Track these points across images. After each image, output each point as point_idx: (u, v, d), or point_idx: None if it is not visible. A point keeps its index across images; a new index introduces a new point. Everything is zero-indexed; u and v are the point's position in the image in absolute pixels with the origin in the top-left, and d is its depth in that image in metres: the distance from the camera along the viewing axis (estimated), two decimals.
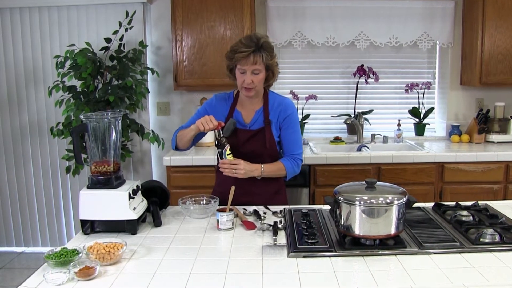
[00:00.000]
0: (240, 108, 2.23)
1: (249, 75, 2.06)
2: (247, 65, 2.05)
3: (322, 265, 1.49)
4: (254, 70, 2.06)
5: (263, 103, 2.21)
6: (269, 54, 2.07)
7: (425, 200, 2.78)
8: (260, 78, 2.09)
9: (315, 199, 3.23)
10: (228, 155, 2.05)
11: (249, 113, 2.22)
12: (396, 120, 3.78)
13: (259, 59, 2.04)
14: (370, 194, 1.61)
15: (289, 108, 2.21)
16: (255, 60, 2.03)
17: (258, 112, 2.21)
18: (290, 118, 2.20)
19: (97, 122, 1.82)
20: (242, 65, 2.06)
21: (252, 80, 2.07)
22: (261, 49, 2.05)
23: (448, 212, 1.95)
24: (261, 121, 2.19)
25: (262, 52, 2.05)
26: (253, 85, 2.08)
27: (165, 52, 3.76)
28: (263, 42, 2.06)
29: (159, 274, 1.46)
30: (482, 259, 1.52)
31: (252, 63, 2.04)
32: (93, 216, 1.79)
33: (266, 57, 2.06)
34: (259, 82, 2.10)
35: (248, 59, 2.03)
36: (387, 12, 3.71)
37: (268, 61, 2.07)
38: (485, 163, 3.25)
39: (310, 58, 3.88)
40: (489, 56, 3.47)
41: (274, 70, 2.14)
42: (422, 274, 1.43)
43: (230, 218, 1.83)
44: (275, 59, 2.13)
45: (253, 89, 2.10)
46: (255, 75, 2.07)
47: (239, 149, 2.17)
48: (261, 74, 2.09)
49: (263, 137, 2.18)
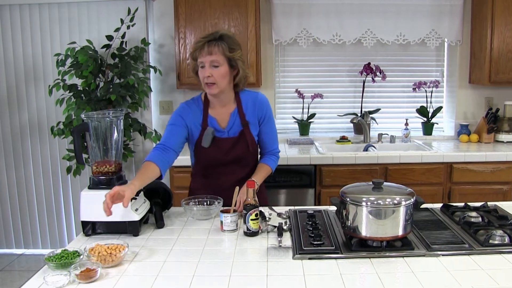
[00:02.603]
0: (213, 113, 2.13)
1: (207, 68, 1.97)
2: (203, 56, 1.96)
3: (328, 267, 1.48)
4: (213, 62, 1.96)
5: (236, 104, 2.13)
6: (228, 46, 1.97)
7: (433, 201, 2.77)
8: (220, 73, 1.98)
9: (321, 200, 3.22)
10: (252, 220, 1.77)
11: (223, 117, 2.13)
12: (403, 119, 3.76)
13: (215, 49, 1.95)
14: (377, 195, 1.61)
15: (265, 105, 2.17)
16: (210, 50, 1.95)
17: (233, 114, 2.13)
18: (267, 114, 2.17)
19: (98, 122, 1.83)
20: (200, 58, 1.98)
21: (211, 74, 1.97)
22: (218, 40, 1.97)
23: (457, 213, 1.94)
24: (238, 123, 2.13)
25: (220, 42, 1.96)
26: (214, 80, 1.98)
27: (167, 50, 3.75)
28: (222, 33, 1.99)
29: (162, 276, 1.45)
30: (491, 261, 1.51)
31: (208, 53, 1.95)
32: (95, 218, 1.78)
33: (224, 48, 1.96)
34: (220, 77, 1.98)
35: (203, 49, 1.96)
36: (394, 9, 3.69)
37: (226, 52, 1.96)
38: (494, 163, 3.23)
39: (316, 56, 3.86)
40: (498, 54, 3.45)
41: (239, 66, 2.02)
42: (430, 276, 1.41)
43: (234, 219, 1.82)
44: (239, 54, 2.01)
45: (214, 85, 1.99)
46: (214, 68, 1.97)
47: (223, 157, 2.13)
48: (222, 68, 1.98)
49: (244, 140, 2.13)
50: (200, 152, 2.15)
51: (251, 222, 1.76)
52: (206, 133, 2.08)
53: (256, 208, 1.77)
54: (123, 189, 1.64)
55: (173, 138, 2.05)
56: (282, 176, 3.18)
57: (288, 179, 3.19)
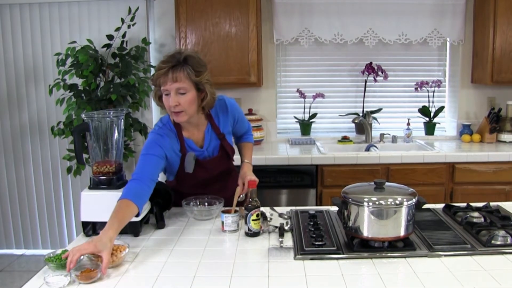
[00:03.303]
0: (188, 135, 2.02)
1: (173, 95, 1.81)
2: (167, 83, 1.80)
3: (330, 268, 1.48)
4: (179, 90, 1.81)
5: (208, 119, 2.05)
6: (193, 70, 1.82)
7: (435, 201, 2.74)
8: (188, 99, 1.83)
9: (322, 200, 3.21)
10: (253, 220, 1.76)
11: (199, 136, 2.05)
12: (405, 119, 3.75)
13: (180, 74, 1.80)
14: (379, 195, 1.60)
15: (235, 109, 2.13)
16: (174, 76, 1.79)
17: (207, 131, 2.05)
18: (239, 116, 2.18)
19: (99, 121, 1.82)
20: (164, 85, 1.82)
21: (178, 102, 1.82)
22: (183, 63, 1.81)
23: (459, 213, 1.94)
24: (215, 138, 2.07)
25: (185, 67, 1.81)
26: (181, 108, 1.83)
27: (168, 49, 3.72)
28: (186, 55, 1.83)
29: (163, 277, 1.45)
30: (494, 261, 1.51)
31: (172, 80, 1.79)
32: (95, 218, 1.77)
33: (190, 73, 1.81)
34: (187, 104, 1.84)
35: (167, 76, 1.80)
36: (396, 8, 3.67)
37: (193, 77, 1.81)
38: (496, 163, 3.22)
39: (317, 56, 3.84)
40: (501, 53, 3.43)
41: (207, 90, 1.88)
42: (432, 277, 1.41)
43: (235, 220, 1.82)
44: (205, 76, 1.87)
45: (183, 112, 1.85)
46: (181, 95, 1.82)
47: (210, 175, 2.11)
48: (189, 94, 1.83)
49: (225, 154, 2.12)
50: (185, 177, 2.05)
51: (252, 223, 1.76)
52: (188, 160, 1.97)
53: (258, 209, 1.76)
54: (99, 249, 1.46)
55: (149, 168, 1.85)
56: (284, 176, 3.17)
57: (289, 179, 3.18)
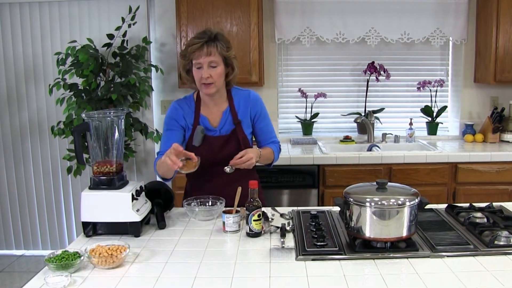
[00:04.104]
0: (205, 112, 2.14)
1: (206, 68, 1.98)
2: (201, 57, 1.96)
3: (332, 269, 1.48)
4: (211, 63, 1.98)
5: (228, 102, 2.15)
6: (224, 45, 2.01)
7: (438, 201, 2.74)
8: (218, 72, 2.00)
9: (324, 201, 3.21)
10: (254, 221, 1.74)
11: (215, 116, 2.14)
12: (407, 119, 3.74)
13: (214, 49, 1.97)
14: (381, 195, 1.60)
15: (258, 102, 2.18)
16: (209, 51, 1.96)
17: (225, 113, 2.13)
18: (261, 111, 2.18)
19: (99, 121, 1.82)
20: (197, 59, 1.97)
21: (210, 74, 1.98)
22: (215, 39, 1.99)
23: (462, 213, 1.93)
24: (230, 122, 2.13)
25: (217, 42, 1.99)
26: (212, 80, 2.00)
27: (169, 48, 3.73)
28: (217, 33, 2.01)
29: (163, 278, 1.44)
30: (497, 262, 1.50)
31: (207, 54, 1.96)
32: (95, 218, 1.77)
33: (222, 48, 1.99)
34: (218, 77, 2.01)
35: (202, 50, 1.96)
36: (398, 7, 3.67)
37: (224, 52, 2.00)
38: (499, 163, 3.21)
39: (319, 55, 3.83)
40: (504, 52, 3.42)
41: (233, 64, 2.07)
42: (434, 277, 1.41)
43: (236, 220, 1.81)
44: (232, 52, 2.06)
45: (212, 84, 2.01)
46: (212, 68, 1.99)
47: (215, 156, 2.10)
48: (219, 68, 2.00)
49: (236, 139, 2.12)
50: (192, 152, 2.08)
51: (253, 223, 1.74)
52: (196, 132, 2.08)
53: (259, 209, 1.75)
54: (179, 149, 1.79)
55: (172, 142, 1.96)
56: (285, 176, 3.16)
57: (291, 179, 3.17)
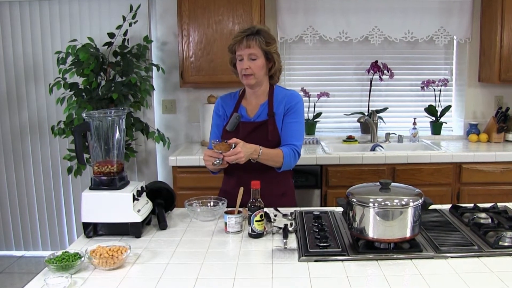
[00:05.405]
0: (245, 103, 2.26)
1: (246, 60, 2.10)
2: (241, 49, 2.09)
3: (335, 270, 1.47)
4: (250, 55, 2.09)
5: (268, 97, 2.22)
6: (264, 40, 2.10)
7: (442, 202, 2.73)
8: (258, 65, 2.11)
9: (327, 201, 3.20)
10: (257, 221, 1.73)
11: (253, 107, 2.23)
12: (411, 118, 3.72)
13: (253, 42, 2.08)
14: (385, 196, 1.60)
15: (295, 99, 2.20)
16: (248, 43, 2.08)
17: (262, 105, 2.21)
18: (294, 107, 2.18)
19: (100, 121, 1.81)
20: (238, 51, 2.11)
21: (249, 66, 2.10)
22: (256, 34, 2.10)
23: (466, 214, 1.92)
24: (265, 114, 2.19)
25: (257, 36, 2.09)
26: (251, 71, 2.10)
27: (171, 47, 3.72)
28: (259, 28, 2.12)
29: (165, 279, 1.44)
30: (501, 263, 1.50)
31: (246, 46, 2.08)
32: (96, 219, 1.77)
33: (261, 42, 2.09)
34: (257, 69, 2.11)
35: (242, 43, 2.09)
36: (402, 6, 3.65)
37: (263, 46, 2.09)
38: (504, 164, 3.19)
39: (322, 54, 3.82)
40: (508, 51, 3.40)
41: (274, 59, 2.15)
42: (438, 279, 1.40)
43: (238, 221, 1.81)
44: (274, 47, 2.15)
45: (252, 76, 2.11)
46: (252, 60, 2.10)
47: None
48: (259, 61, 2.11)
49: (266, 129, 2.15)
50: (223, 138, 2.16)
51: (256, 224, 1.73)
52: (233, 117, 2.18)
53: (261, 209, 1.74)
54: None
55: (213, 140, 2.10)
56: None
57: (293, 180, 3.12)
